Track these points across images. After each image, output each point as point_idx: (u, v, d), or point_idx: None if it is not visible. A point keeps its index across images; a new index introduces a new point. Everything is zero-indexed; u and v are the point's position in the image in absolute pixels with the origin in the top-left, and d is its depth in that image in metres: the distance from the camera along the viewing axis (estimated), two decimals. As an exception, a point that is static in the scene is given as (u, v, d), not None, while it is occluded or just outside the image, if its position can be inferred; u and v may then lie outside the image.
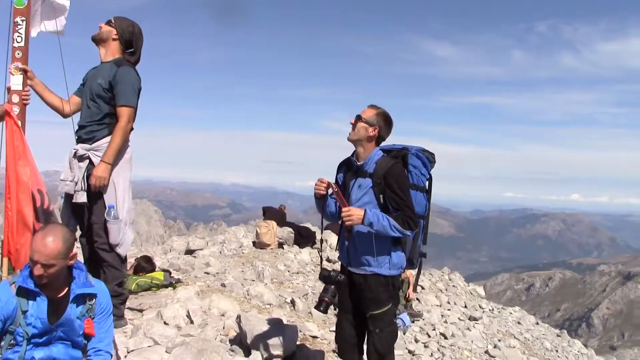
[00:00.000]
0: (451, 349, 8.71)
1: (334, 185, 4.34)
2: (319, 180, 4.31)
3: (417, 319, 9.75)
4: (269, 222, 13.01)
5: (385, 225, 4.06)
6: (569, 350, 12.58)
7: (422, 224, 4.47)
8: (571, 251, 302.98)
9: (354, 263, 4.35)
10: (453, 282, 14.27)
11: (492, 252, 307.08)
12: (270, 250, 12.52)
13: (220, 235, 14.73)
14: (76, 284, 3.42)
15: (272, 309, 7.69)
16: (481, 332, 10.39)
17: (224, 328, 5.93)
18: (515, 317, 13.53)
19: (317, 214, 4.58)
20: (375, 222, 4.05)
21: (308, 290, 9.45)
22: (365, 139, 4.26)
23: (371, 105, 4.35)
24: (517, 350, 10.08)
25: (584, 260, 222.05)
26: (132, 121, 5.05)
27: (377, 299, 4.31)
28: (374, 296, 4.30)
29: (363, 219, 4.04)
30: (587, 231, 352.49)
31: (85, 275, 3.50)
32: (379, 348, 4.37)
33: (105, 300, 3.58)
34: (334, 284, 4.27)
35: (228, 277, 9.13)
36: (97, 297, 3.50)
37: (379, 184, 4.17)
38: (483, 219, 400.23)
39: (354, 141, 4.32)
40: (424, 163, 4.43)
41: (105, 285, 3.66)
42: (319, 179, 4.31)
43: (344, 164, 4.53)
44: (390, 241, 4.27)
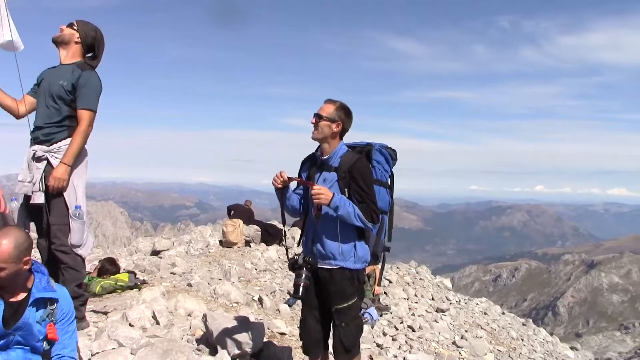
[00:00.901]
0: (419, 341, 8.80)
1: (295, 178, 4.35)
2: (278, 172, 4.30)
3: (385, 313, 9.83)
4: (235, 220, 12.95)
5: (350, 211, 4.08)
6: (534, 338, 12.81)
7: (385, 219, 4.50)
8: (536, 241, 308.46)
9: (318, 257, 4.35)
10: (420, 275, 14.40)
11: (459, 244, 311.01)
12: (237, 248, 12.47)
13: (186, 235, 14.62)
14: (37, 288, 3.36)
15: (240, 307, 7.66)
16: (448, 324, 10.51)
17: (190, 328, 5.89)
18: (481, 307, 13.72)
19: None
20: (341, 207, 4.06)
21: (276, 288, 9.45)
22: (330, 135, 4.27)
23: (328, 101, 4.34)
24: (483, 341, 10.23)
25: (549, 250, 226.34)
26: (92, 125, 5.00)
27: (342, 293, 4.32)
28: (340, 290, 4.30)
29: (330, 200, 4.04)
30: (551, 221, 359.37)
31: (47, 279, 3.44)
32: (345, 342, 4.38)
33: (67, 306, 3.52)
34: (304, 267, 4.25)
35: (194, 276, 9.07)
36: (58, 302, 3.44)
37: (344, 177, 4.19)
38: (450, 212, 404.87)
39: (319, 139, 4.32)
40: (387, 159, 4.48)
41: (67, 291, 3.61)
42: (278, 172, 4.30)
43: (307, 160, 4.53)
44: (355, 234, 4.29)
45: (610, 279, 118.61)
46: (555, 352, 12.45)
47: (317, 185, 4.11)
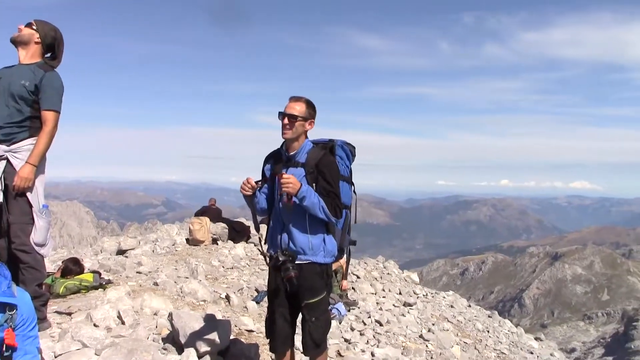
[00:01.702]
0: (386, 335, 8.85)
1: (260, 182, 4.35)
2: (245, 180, 4.29)
3: (353, 308, 9.87)
4: (202, 218, 12.88)
5: (315, 202, 4.10)
6: (499, 330, 13.01)
7: (348, 214, 4.54)
8: (502, 235, 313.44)
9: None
10: (388, 270, 14.51)
11: (427, 239, 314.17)
12: (204, 246, 12.41)
13: (152, 234, 14.48)
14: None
15: (207, 305, 7.62)
16: (416, 317, 10.61)
17: (156, 327, 5.84)
18: (448, 301, 13.89)
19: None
20: (308, 197, 4.07)
21: (243, 285, 9.43)
22: (302, 133, 4.29)
23: (296, 99, 4.32)
24: (450, 333, 10.36)
25: (514, 243, 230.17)
26: (57, 126, 4.96)
27: (313, 288, 4.32)
28: (310, 285, 4.30)
29: (298, 190, 4.04)
30: (516, 215, 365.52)
31: (8, 283, 3.36)
32: (315, 337, 4.40)
33: (28, 312, 3.45)
34: (286, 260, 4.24)
35: (161, 275, 8.99)
36: (17, 308, 3.37)
37: (312, 172, 4.21)
38: (417, 207, 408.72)
39: (293, 139, 4.31)
40: (347, 155, 4.53)
41: (29, 297, 3.54)
42: (245, 180, 4.29)
43: (271, 156, 4.52)
44: (323, 228, 4.32)
45: (574, 271, 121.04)
46: (520, 343, 12.67)
47: (287, 174, 4.09)
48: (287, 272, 4.17)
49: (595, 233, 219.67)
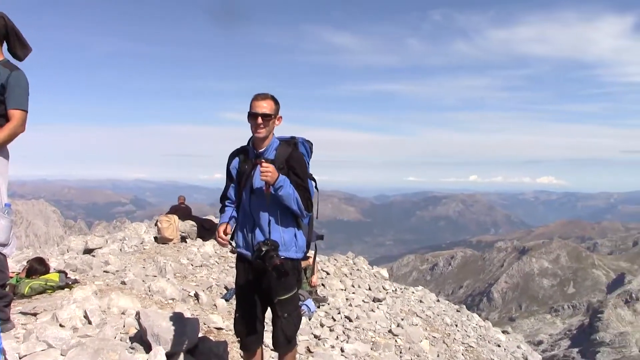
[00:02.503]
0: (356, 330, 8.91)
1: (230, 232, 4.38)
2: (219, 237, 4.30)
3: (323, 304, 9.90)
4: (170, 216, 12.79)
5: (290, 193, 4.15)
6: (468, 324, 13.19)
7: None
8: (471, 230, 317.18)
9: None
10: (357, 266, 14.58)
11: (397, 235, 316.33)
12: (173, 244, 12.32)
13: (120, 233, 14.32)
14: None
15: (175, 304, 7.57)
16: (385, 313, 10.69)
17: (124, 326, 5.79)
18: (417, 296, 14.02)
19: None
20: (284, 187, 4.11)
21: (212, 283, 9.39)
22: (272, 130, 4.32)
23: (263, 97, 4.31)
24: (419, 328, 10.47)
25: (483, 238, 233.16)
26: (24, 125, 4.83)
27: (285, 284, 4.34)
28: (283, 281, 4.30)
29: (276, 179, 4.07)
30: (484, 210, 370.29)
31: None
32: (288, 333, 4.44)
33: None
34: (267, 249, 4.22)
35: (128, 274, 8.90)
36: None
37: (282, 168, 4.22)
38: (387, 203, 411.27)
39: (265, 137, 4.32)
40: (307, 152, 4.56)
41: None
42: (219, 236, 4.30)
43: (237, 154, 4.50)
44: (294, 223, 4.36)
45: (541, 264, 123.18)
46: (487, 336, 12.85)
47: (266, 163, 4.11)
48: (272, 260, 4.14)
49: (562, 227, 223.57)
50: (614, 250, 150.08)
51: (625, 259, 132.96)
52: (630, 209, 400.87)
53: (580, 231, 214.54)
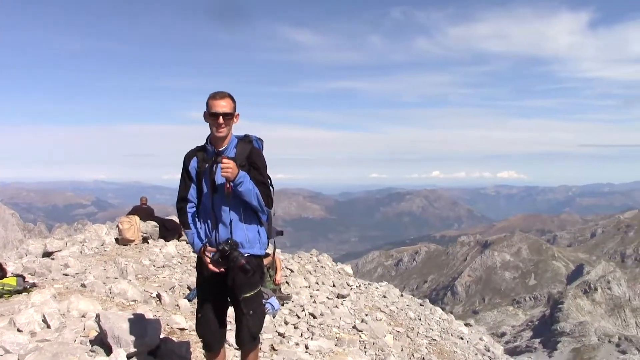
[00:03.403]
0: (320, 327, 8.93)
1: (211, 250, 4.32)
2: (212, 269, 4.26)
3: (287, 302, 9.90)
4: (131, 217, 12.63)
5: (250, 189, 4.18)
6: (431, 317, 13.34)
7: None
8: (434, 225, 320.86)
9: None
10: (321, 263, 14.61)
11: (361, 231, 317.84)
12: (135, 245, 12.17)
13: (80, 235, 14.08)
14: None
15: (137, 305, 7.49)
16: (349, 309, 10.74)
17: (84, 329, 5.72)
18: (381, 291, 14.11)
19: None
20: (245, 182, 4.14)
21: (175, 284, 9.32)
22: (232, 129, 4.34)
23: (221, 95, 4.29)
24: (383, 323, 10.55)
25: (446, 232, 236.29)
26: None
27: (250, 281, 4.37)
28: (247, 279, 4.33)
29: (237, 175, 4.09)
30: (447, 205, 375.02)
31: None
32: (253, 330, 4.47)
33: None
34: (230, 250, 4.21)
35: (89, 276, 8.76)
36: None
37: (243, 166, 4.25)
38: (351, 200, 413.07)
39: (226, 136, 4.32)
40: (261, 149, 4.59)
41: None
42: (211, 268, 4.26)
43: (194, 154, 4.46)
44: (257, 220, 4.39)
45: (503, 257, 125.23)
46: (450, 329, 13.03)
47: (227, 159, 4.12)
48: (237, 260, 4.16)
49: (522, 221, 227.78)
50: (572, 242, 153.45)
51: (584, 250, 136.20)
52: (588, 202, 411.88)
53: (540, 224, 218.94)
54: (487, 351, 12.52)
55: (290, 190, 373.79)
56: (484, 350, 12.56)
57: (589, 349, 62.62)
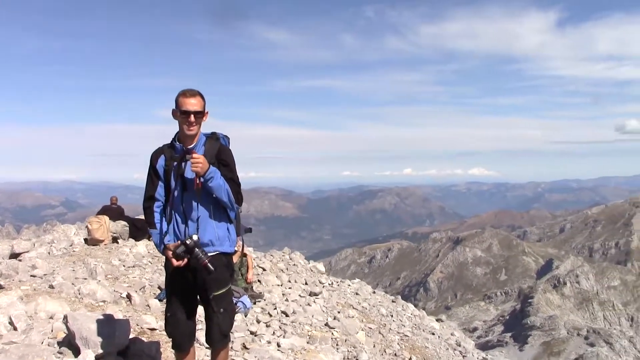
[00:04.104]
0: (292, 325, 8.93)
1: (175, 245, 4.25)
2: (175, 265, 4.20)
3: (259, 300, 9.88)
4: (100, 217, 12.47)
5: (221, 184, 4.17)
6: (403, 314, 13.43)
7: None
8: (406, 222, 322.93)
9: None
10: (294, 261, 14.61)
11: (334, 229, 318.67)
12: (104, 246, 12.03)
13: (48, 236, 13.85)
14: None
15: (107, 306, 7.41)
16: (321, 306, 10.75)
17: (52, 331, 5.64)
18: (353, 288, 14.17)
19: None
20: (215, 177, 4.13)
21: (145, 283, 9.23)
22: (201, 127, 4.32)
23: (191, 94, 4.26)
24: (355, 320, 10.59)
25: (418, 229, 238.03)
26: None
27: (221, 279, 4.36)
28: (218, 277, 4.31)
29: (207, 170, 4.08)
30: (419, 202, 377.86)
31: None
32: (224, 328, 4.45)
33: None
34: (194, 248, 4.16)
35: (57, 277, 8.63)
36: None
37: (213, 163, 4.22)
38: (324, 198, 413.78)
39: (196, 134, 4.30)
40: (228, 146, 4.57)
41: None
42: (175, 265, 4.20)
43: (161, 153, 4.42)
44: (227, 217, 4.38)
45: (474, 253, 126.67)
46: (422, 325, 13.14)
47: (197, 154, 4.11)
48: (200, 259, 4.13)
49: (493, 217, 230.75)
50: (542, 237, 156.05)
51: (553, 245, 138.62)
52: (557, 197, 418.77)
53: (510, 220, 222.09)
54: (458, 346, 12.66)
55: (263, 189, 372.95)
56: (455, 345, 12.70)
57: (558, 342, 63.57)
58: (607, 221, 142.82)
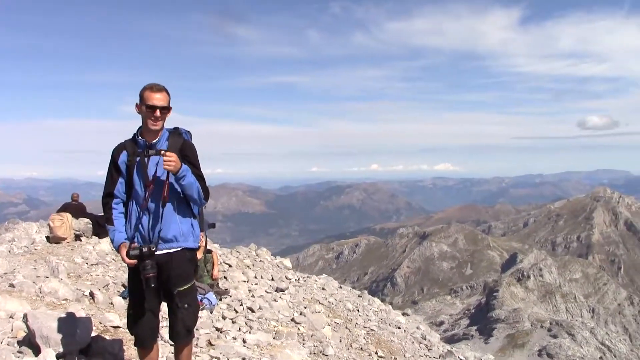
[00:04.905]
0: (258, 321, 8.94)
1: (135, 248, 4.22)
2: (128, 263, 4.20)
3: (225, 297, 9.86)
4: (63, 214, 12.26)
5: (192, 182, 4.18)
6: (369, 308, 13.52)
7: None
8: (374, 218, 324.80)
9: (158, 242, 4.25)
10: (260, 257, 14.60)
11: (302, 225, 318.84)
12: (67, 243, 11.83)
13: (8, 234, 13.55)
14: None
15: (69, 304, 7.31)
16: (288, 302, 10.77)
17: (12, 330, 5.56)
18: (320, 283, 14.21)
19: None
20: (187, 176, 4.15)
21: (109, 281, 9.12)
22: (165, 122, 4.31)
23: (157, 89, 4.23)
24: (321, 315, 10.62)
25: (386, 225, 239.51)
26: None
27: (185, 275, 4.37)
28: (182, 272, 4.33)
29: (179, 169, 4.09)
30: (386, 198, 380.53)
31: None
32: (188, 323, 4.46)
33: None
34: (149, 257, 4.14)
35: (18, 276, 8.47)
36: None
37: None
38: (292, 194, 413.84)
39: (160, 129, 4.28)
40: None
41: None
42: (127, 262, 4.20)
43: (122, 148, 4.38)
44: (190, 213, 4.38)
45: (440, 248, 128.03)
46: (388, 319, 13.23)
47: (170, 152, 4.11)
48: (145, 270, 4.13)
49: (458, 212, 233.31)
50: (506, 231, 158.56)
51: (517, 239, 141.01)
52: (521, 192, 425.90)
53: (475, 215, 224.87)
54: (423, 339, 12.78)
55: (230, 185, 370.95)
56: (421, 338, 12.82)
57: (522, 334, 64.61)
58: (569, 215, 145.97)
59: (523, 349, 60.84)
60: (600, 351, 59.25)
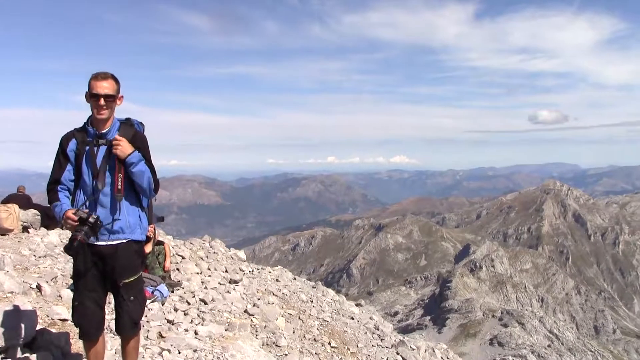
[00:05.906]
0: (211, 313, 8.89)
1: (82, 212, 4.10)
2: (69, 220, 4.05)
3: (177, 289, 9.77)
4: (9, 205, 11.91)
5: (143, 170, 4.13)
6: (323, 299, 13.58)
7: None
8: (330, 209, 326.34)
9: (103, 235, 4.20)
10: (214, 249, 14.49)
11: (258, 217, 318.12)
12: (14, 235, 11.52)
13: (-48, 226, 13.13)
14: None
15: (15, 297, 7.12)
16: (241, 294, 10.74)
17: (-47, 326, 5.38)
18: (274, 275, 14.20)
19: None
20: (138, 162, 4.11)
21: (57, 274, 8.91)
22: (114, 111, 4.24)
23: (103, 76, 4.16)
24: (275, 306, 10.63)
25: (342, 217, 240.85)
26: None
27: (131, 266, 4.33)
28: (128, 264, 4.29)
29: (131, 154, 4.06)
30: (342, 190, 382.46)
31: None
32: (134, 316, 4.42)
33: None
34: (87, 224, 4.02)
35: (-39, 269, 8.23)
36: None
37: None
38: (248, 186, 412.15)
39: (108, 118, 4.20)
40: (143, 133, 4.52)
41: None
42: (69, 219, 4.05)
43: (71, 137, 4.30)
44: (139, 204, 4.34)
45: (395, 240, 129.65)
46: (342, 310, 13.32)
47: (119, 136, 4.08)
48: (77, 232, 4.02)
49: (413, 204, 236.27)
50: (460, 223, 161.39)
51: (470, 231, 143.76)
52: (474, 185, 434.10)
53: (430, 207, 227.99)
54: (376, 329, 12.91)
55: (185, 177, 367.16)
56: (374, 328, 12.94)
57: (474, 323, 66.05)
58: (520, 207, 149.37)
59: (475, 338, 62.25)
60: (549, 339, 61.08)
